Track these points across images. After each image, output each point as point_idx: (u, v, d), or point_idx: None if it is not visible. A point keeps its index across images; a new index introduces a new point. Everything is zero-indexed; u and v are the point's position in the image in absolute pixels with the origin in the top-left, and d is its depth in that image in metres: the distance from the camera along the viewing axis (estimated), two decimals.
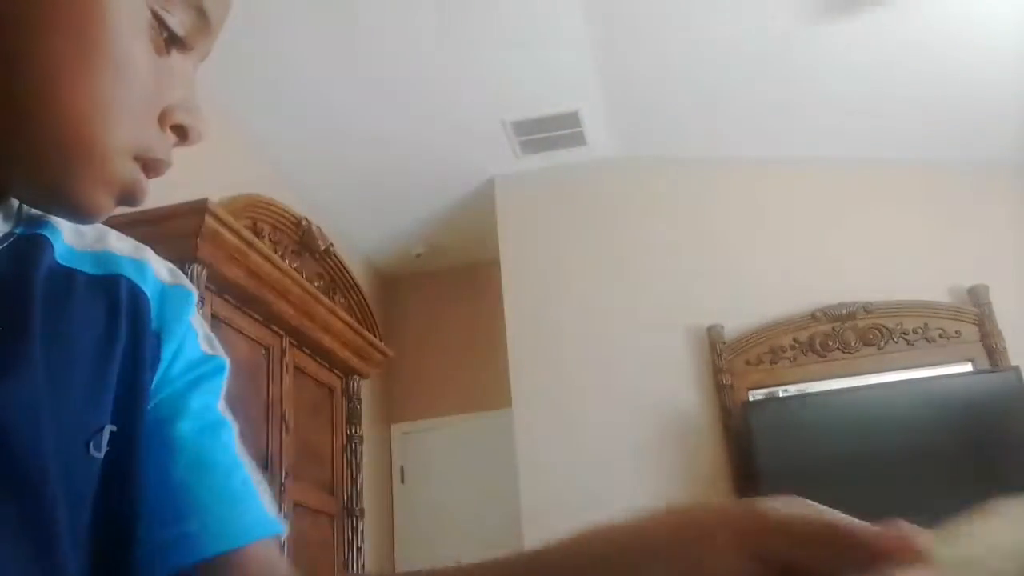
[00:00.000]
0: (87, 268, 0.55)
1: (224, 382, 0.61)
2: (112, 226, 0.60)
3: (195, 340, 0.61)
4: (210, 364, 0.60)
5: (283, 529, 0.58)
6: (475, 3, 3.26)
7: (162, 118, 0.52)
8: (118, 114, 0.49)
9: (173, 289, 0.61)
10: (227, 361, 0.62)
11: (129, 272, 0.58)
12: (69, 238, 0.56)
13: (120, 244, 0.60)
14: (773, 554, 0.37)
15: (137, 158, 0.50)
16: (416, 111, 3.90)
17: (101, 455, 0.51)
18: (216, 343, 0.62)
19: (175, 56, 0.52)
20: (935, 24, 3.21)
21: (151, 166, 0.52)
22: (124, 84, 0.48)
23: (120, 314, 0.55)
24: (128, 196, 0.51)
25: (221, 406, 0.60)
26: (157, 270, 0.60)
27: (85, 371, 0.51)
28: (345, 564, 2.95)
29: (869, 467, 3.40)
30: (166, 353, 0.58)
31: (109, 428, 0.51)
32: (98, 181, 0.49)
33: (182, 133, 0.53)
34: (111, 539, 0.51)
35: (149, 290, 0.58)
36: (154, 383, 0.56)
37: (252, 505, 0.57)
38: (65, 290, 0.53)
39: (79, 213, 0.51)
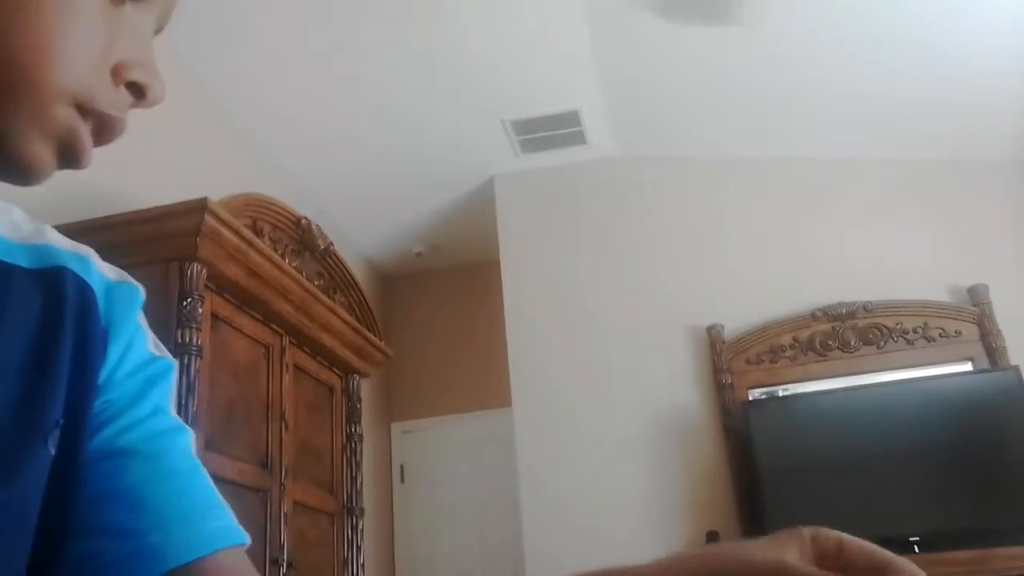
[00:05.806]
0: (24, 262, 0.53)
1: (173, 385, 0.59)
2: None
3: (144, 341, 0.58)
4: (159, 366, 0.58)
5: (247, 539, 0.55)
6: (475, 3, 3.25)
7: (115, 73, 0.49)
8: (59, 54, 0.45)
9: (120, 286, 0.58)
10: (175, 363, 0.60)
11: (72, 265, 0.55)
12: (5, 232, 0.53)
13: (61, 240, 0.57)
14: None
15: (79, 106, 0.47)
16: (417, 111, 3.90)
17: (55, 451, 0.49)
18: (161, 345, 0.60)
19: (130, 8, 0.50)
20: (935, 23, 3.21)
21: (103, 123, 0.49)
22: (67, 23, 0.45)
23: (65, 307, 0.52)
24: (67, 149, 0.48)
25: (173, 410, 0.58)
26: (100, 266, 0.58)
27: (28, 365, 0.49)
28: (345, 563, 2.96)
29: (869, 466, 3.40)
30: (113, 352, 0.55)
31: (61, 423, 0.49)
32: (33, 124, 0.46)
33: (139, 92, 0.50)
34: (48, 538, 0.49)
35: (95, 285, 0.56)
36: (100, 383, 0.53)
37: (216, 514, 0.54)
38: (2, 285, 0.50)
39: (16, 164, 0.47)
